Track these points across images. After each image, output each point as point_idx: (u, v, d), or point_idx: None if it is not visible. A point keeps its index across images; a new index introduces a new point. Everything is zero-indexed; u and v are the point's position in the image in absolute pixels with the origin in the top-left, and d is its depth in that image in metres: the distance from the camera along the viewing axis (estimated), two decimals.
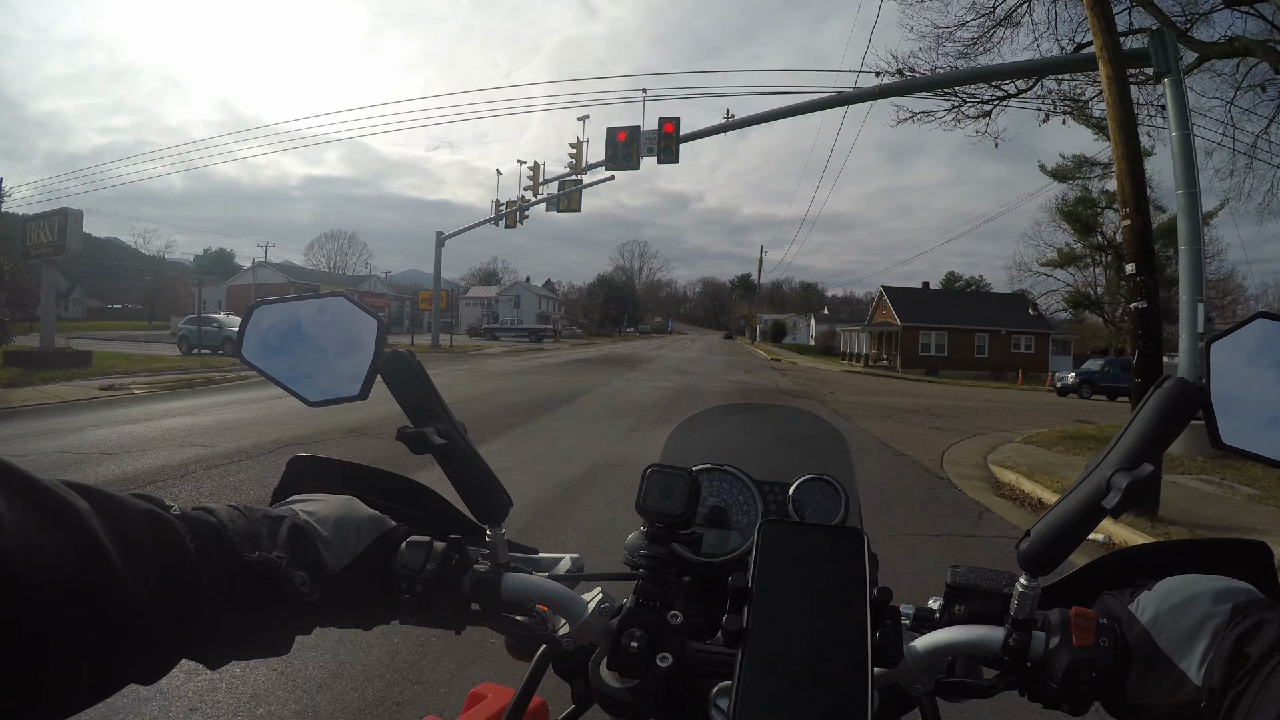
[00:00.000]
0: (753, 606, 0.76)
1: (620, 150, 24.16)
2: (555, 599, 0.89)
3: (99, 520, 0.55)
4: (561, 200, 34.45)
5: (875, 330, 63.43)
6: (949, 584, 0.88)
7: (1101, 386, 37.86)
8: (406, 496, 1.04)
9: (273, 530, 0.76)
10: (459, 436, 0.89)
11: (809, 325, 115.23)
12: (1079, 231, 55.56)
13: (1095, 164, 51.89)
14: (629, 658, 0.82)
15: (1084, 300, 59.44)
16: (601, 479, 9.00)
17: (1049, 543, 0.79)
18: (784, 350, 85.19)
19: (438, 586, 0.84)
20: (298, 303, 0.95)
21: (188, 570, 0.63)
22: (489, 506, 0.91)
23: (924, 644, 0.82)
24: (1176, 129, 14.91)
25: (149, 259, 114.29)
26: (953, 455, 12.88)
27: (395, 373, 0.89)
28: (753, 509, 1.25)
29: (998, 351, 57.38)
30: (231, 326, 33.64)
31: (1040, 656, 0.78)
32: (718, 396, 21.15)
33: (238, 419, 13.15)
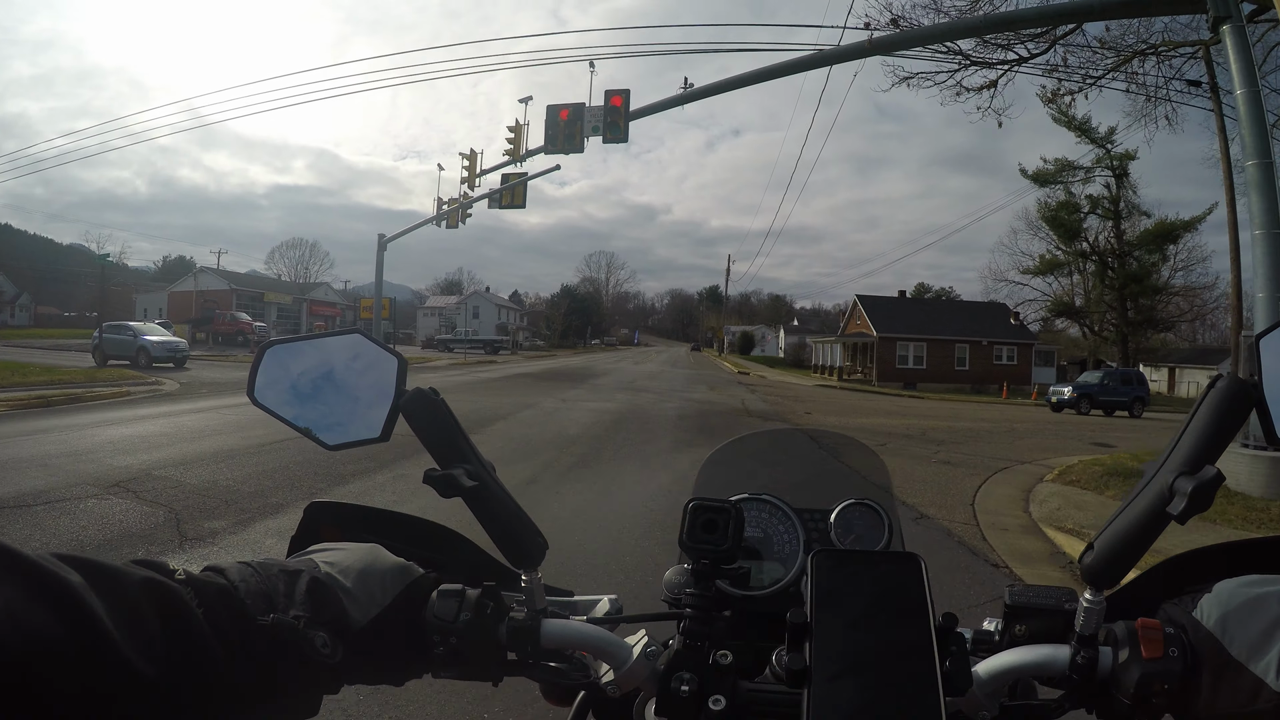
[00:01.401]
0: (814, 642, 0.74)
1: (562, 130, 21.02)
2: (599, 645, 0.85)
3: (94, 592, 0.54)
4: (504, 195, 31.53)
5: (850, 341, 60.72)
6: (1007, 604, 0.87)
7: (1101, 401, 34.90)
8: (433, 541, 1.02)
9: (290, 586, 0.73)
10: (489, 477, 0.86)
11: (778, 337, 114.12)
12: (1062, 237, 53.56)
13: (1078, 168, 50.27)
14: (680, 703, 0.79)
15: (1066, 309, 57.32)
16: None
17: (1114, 555, 0.77)
18: (752, 363, 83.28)
19: (473, 637, 0.81)
20: (312, 341, 0.94)
21: (195, 638, 0.61)
22: (524, 550, 0.88)
23: (988, 668, 0.80)
24: (1242, 85, 11.95)
25: (112, 266, 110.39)
26: (986, 508, 9.54)
27: (419, 412, 0.85)
28: (793, 538, 1.23)
29: (979, 363, 55.05)
30: (146, 334, 32.06)
31: (1109, 672, 0.76)
32: (669, 422, 17.83)
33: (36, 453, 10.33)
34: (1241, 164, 12.24)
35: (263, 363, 0.91)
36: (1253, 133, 11.32)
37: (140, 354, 31.03)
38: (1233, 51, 11.79)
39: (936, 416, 25.49)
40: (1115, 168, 49.69)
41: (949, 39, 16.49)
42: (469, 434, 0.86)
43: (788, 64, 16.87)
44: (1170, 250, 52.23)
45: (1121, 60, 19.61)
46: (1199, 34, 18.62)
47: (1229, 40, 11.87)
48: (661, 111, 19.87)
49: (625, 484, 9.44)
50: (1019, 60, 17.66)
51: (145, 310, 74.15)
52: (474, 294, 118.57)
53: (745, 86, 18.17)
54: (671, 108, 19.52)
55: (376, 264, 47.51)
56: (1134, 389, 35.97)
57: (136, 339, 31.72)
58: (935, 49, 17.04)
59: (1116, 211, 51.45)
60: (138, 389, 20.59)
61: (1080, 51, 19.06)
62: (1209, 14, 12.10)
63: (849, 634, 0.74)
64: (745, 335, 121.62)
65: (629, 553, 6.33)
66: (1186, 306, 56.96)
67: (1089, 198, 51.99)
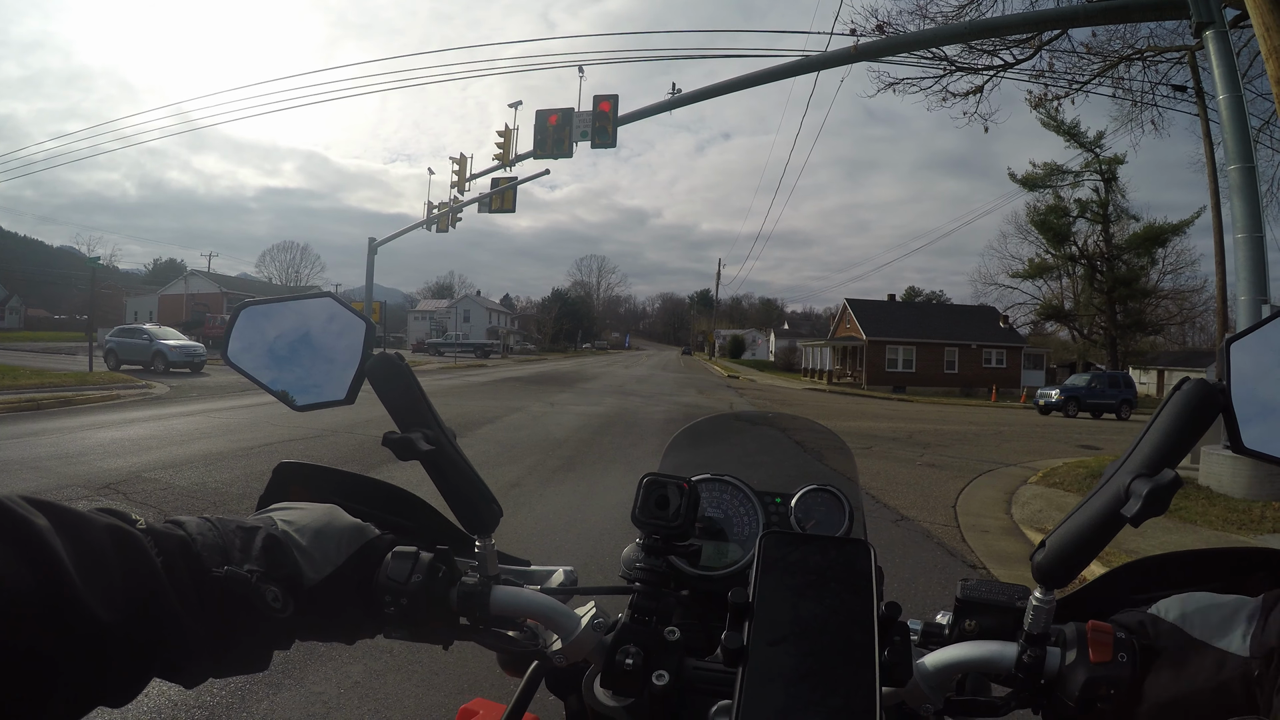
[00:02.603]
0: (754, 623, 0.73)
1: (551, 135, 21.06)
2: (546, 613, 0.85)
3: (59, 536, 0.55)
4: (494, 199, 31.44)
5: (839, 345, 60.70)
6: (959, 598, 0.86)
7: (1088, 404, 35.07)
8: (395, 505, 1.02)
9: (246, 542, 0.74)
10: (448, 443, 0.87)
11: (769, 340, 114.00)
12: (1051, 241, 53.76)
13: (1067, 171, 50.44)
14: (624, 675, 0.80)
15: (1055, 313, 57.47)
16: None
17: (1066, 554, 0.77)
18: (743, 366, 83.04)
19: (424, 599, 0.80)
20: (284, 304, 0.94)
21: (154, 586, 0.61)
22: (479, 516, 0.89)
23: (934, 661, 0.80)
24: (1225, 90, 12.04)
25: (101, 269, 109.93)
26: (968, 510, 9.58)
27: (382, 376, 0.86)
28: (753, 520, 1.23)
29: (968, 366, 55.08)
30: (162, 338, 30.70)
31: (1055, 673, 0.76)
32: (657, 426, 17.74)
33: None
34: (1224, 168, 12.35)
35: (237, 325, 0.92)
36: (1235, 137, 11.40)
37: (156, 359, 29.99)
38: (1215, 57, 11.87)
39: (924, 419, 25.51)
40: (1104, 172, 49.97)
41: (934, 45, 16.58)
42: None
43: (775, 70, 16.96)
44: (1159, 254, 52.55)
45: (1107, 66, 19.70)
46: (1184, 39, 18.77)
47: (1212, 45, 11.96)
48: (650, 116, 19.92)
49: (610, 487, 9.41)
50: (1005, 66, 17.75)
51: (135, 313, 73.93)
52: (465, 298, 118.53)
53: (733, 91, 18.29)
54: (659, 113, 19.58)
55: (367, 267, 47.31)
56: (1121, 391, 36.18)
57: (152, 343, 30.43)
58: (921, 55, 17.11)
59: (1105, 215, 51.79)
60: (128, 392, 20.52)
61: (1066, 57, 19.18)
62: (1192, 19, 12.16)
63: (791, 617, 0.74)
64: (736, 339, 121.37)
65: (609, 555, 6.29)
66: (1175, 310, 57.13)
67: (1078, 201, 52.31)
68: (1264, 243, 11.26)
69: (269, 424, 14.51)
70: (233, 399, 19.63)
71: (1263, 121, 20.00)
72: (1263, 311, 10.68)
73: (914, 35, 16.48)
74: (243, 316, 0.93)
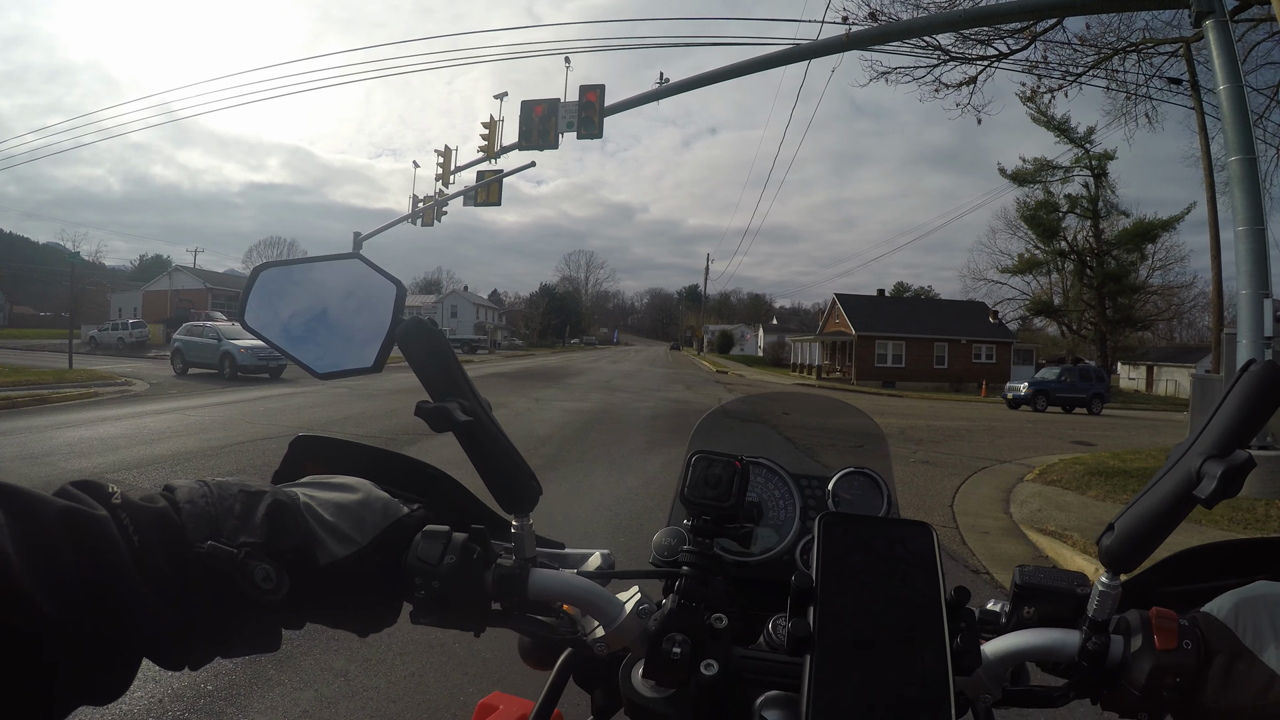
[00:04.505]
0: (819, 608, 0.72)
1: (537, 126, 20.72)
2: (588, 598, 0.81)
3: (9, 527, 0.52)
4: (480, 193, 31.03)
5: (828, 340, 60.35)
6: (1017, 584, 0.84)
7: (1058, 398, 34.34)
8: (422, 483, 0.96)
9: (247, 510, 0.67)
10: (484, 414, 0.82)
11: (757, 336, 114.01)
12: (1041, 236, 53.62)
13: (1057, 167, 50.32)
14: (671, 665, 0.76)
15: (1045, 308, 57.38)
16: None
17: (1135, 537, 0.75)
18: (731, 361, 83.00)
19: (457, 583, 0.75)
20: (308, 265, 0.91)
21: (113, 572, 0.56)
22: (517, 493, 0.83)
23: (994, 649, 0.78)
24: (1225, 80, 11.82)
25: (84, 265, 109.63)
26: (966, 509, 9.27)
27: (414, 342, 0.81)
28: (789, 504, 1.21)
29: (957, 362, 54.66)
30: (231, 338, 26.68)
31: (1119, 661, 0.74)
32: (643, 423, 17.44)
33: None
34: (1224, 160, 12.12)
35: (255, 285, 0.86)
36: (1235, 128, 11.14)
37: (224, 362, 26.15)
38: (1215, 47, 11.61)
39: (916, 415, 25.20)
40: (1094, 167, 49.71)
41: (927, 33, 16.26)
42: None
43: (764, 59, 16.56)
44: (1149, 249, 52.44)
45: (1102, 58, 19.49)
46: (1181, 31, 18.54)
47: (1212, 35, 11.70)
48: (637, 107, 19.54)
49: (593, 486, 9.12)
50: (999, 56, 17.46)
51: (120, 310, 73.32)
52: (452, 293, 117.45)
53: (721, 81, 17.88)
54: (647, 103, 19.18)
55: None
56: (1093, 385, 35.16)
57: (220, 343, 26.51)
58: (914, 44, 16.82)
59: (1095, 211, 51.53)
60: (106, 390, 20.12)
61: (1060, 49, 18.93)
62: (1192, 9, 11.89)
63: (856, 602, 0.71)
64: (724, 334, 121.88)
65: None
66: (1165, 305, 57.15)
67: (1068, 197, 52.04)
68: (1266, 236, 11.01)
69: (244, 422, 14.24)
70: (212, 396, 19.33)
71: (1257, 116, 19.85)
72: (1265, 306, 10.49)
73: (907, 23, 16.12)
74: (262, 278, 0.87)
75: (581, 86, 19.85)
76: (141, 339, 50.78)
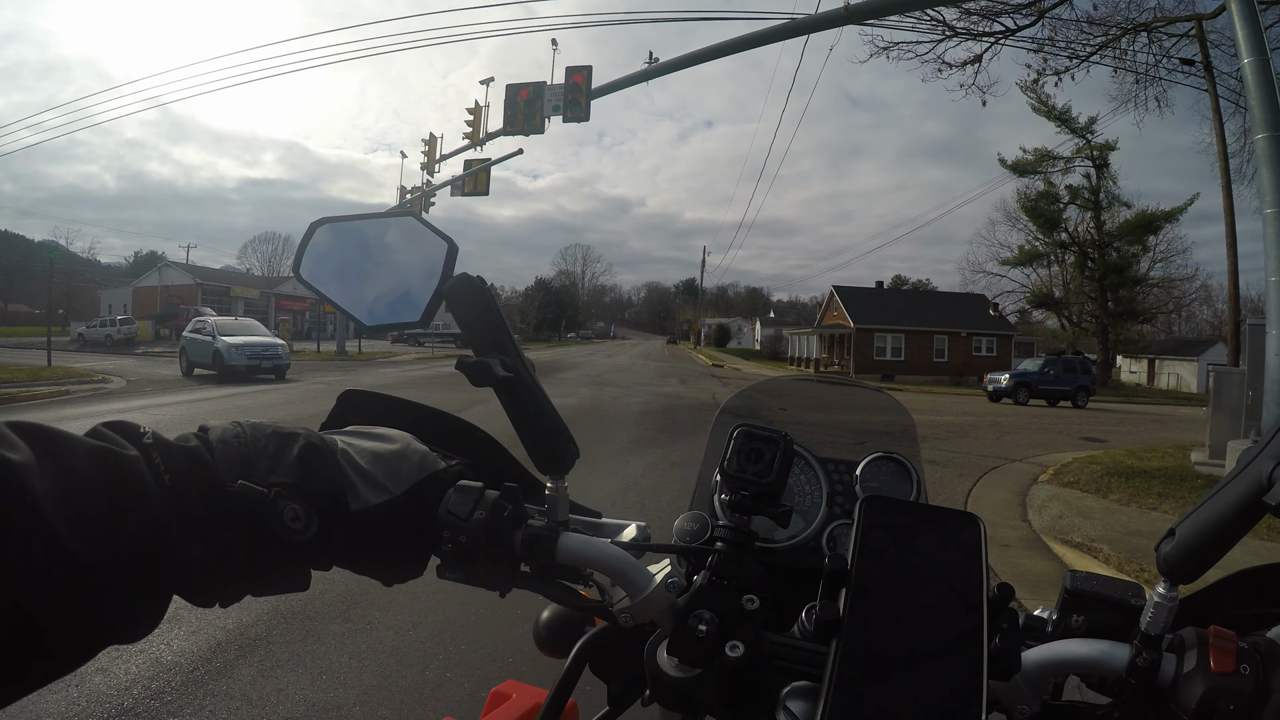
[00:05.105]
0: (851, 594, 0.69)
1: (522, 110, 20.00)
2: (617, 566, 0.78)
3: (38, 469, 0.52)
4: (467, 182, 30.35)
5: (826, 333, 59.68)
6: (1067, 589, 0.79)
7: (1040, 390, 33.15)
8: (465, 443, 0.94)
9: (280, 450, 0.68)
10: (526, 372, 0.82)
11: (754, 329, 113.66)
12: (1042, 227, 52.97)
13: (1058, 157, 49.61)
14: (694, 642, 0.73)
15: (1046, 300, 56.72)
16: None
17: (1198, 545, 0.69)
18: (728, 355, 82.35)
19: (485, 539, 0.74)
20: (363, 221, 0.94)
21: (147, 512, 0.57)
22: (554, 454, 0.83)
23: (1036, 657, 0.73)
24: (1250, 54, 11.01)
25: (83, 262, 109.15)
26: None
27: (461, 298, 0.82)
28: (815, 489, 1.18)
29: (958, 355, 53.79)
30: (224, 333, 24.61)
31: (1170, 681, 0.68)
32: (630, 420, 16.57)
33: None
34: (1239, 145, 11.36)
35: (312, 240, 0.89)
36: (1262, 104, 10.39)
37: (216, 361, 23.68)
38: (1239, 19, 10.87)
39: (917, 410, 23.75)
40: (1095, 158, 49.17)
41: (931, 4, 15.44)
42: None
43: (759, 34, 15.77)
44: (1151, 241, 51.79)
45: (1110, 39, 18.78)
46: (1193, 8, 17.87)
47: (1235, 7, 10.97)
48: (626, 87, 18.80)
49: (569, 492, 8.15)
50: (1005, 32, 16.68)
51: (110, 306, 72.85)
52: None
53: (712, 60, 17.13)
54: (636, 84, 18.45)
55: None
56: (1078, 377, 33.93)
57: (214, 340, 24.05)
58: (917, 18, 16.00)
59: (1096, 202, 50.89)
60: (80, 387, 19.43)
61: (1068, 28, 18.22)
62: None
63: (891, 591, 0.68)
64: (721, 328, 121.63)
65: None
66: (1166, 298, 56.60)
67: (1069, 188, 51.45)
68: None
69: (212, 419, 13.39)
70: (188, 394, 18.66)
71: None
72: None
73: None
74: (319, 233, 0.90)
75: (568, 68, 19.23)
76: (130, 335, 50.13)
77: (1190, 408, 36.81)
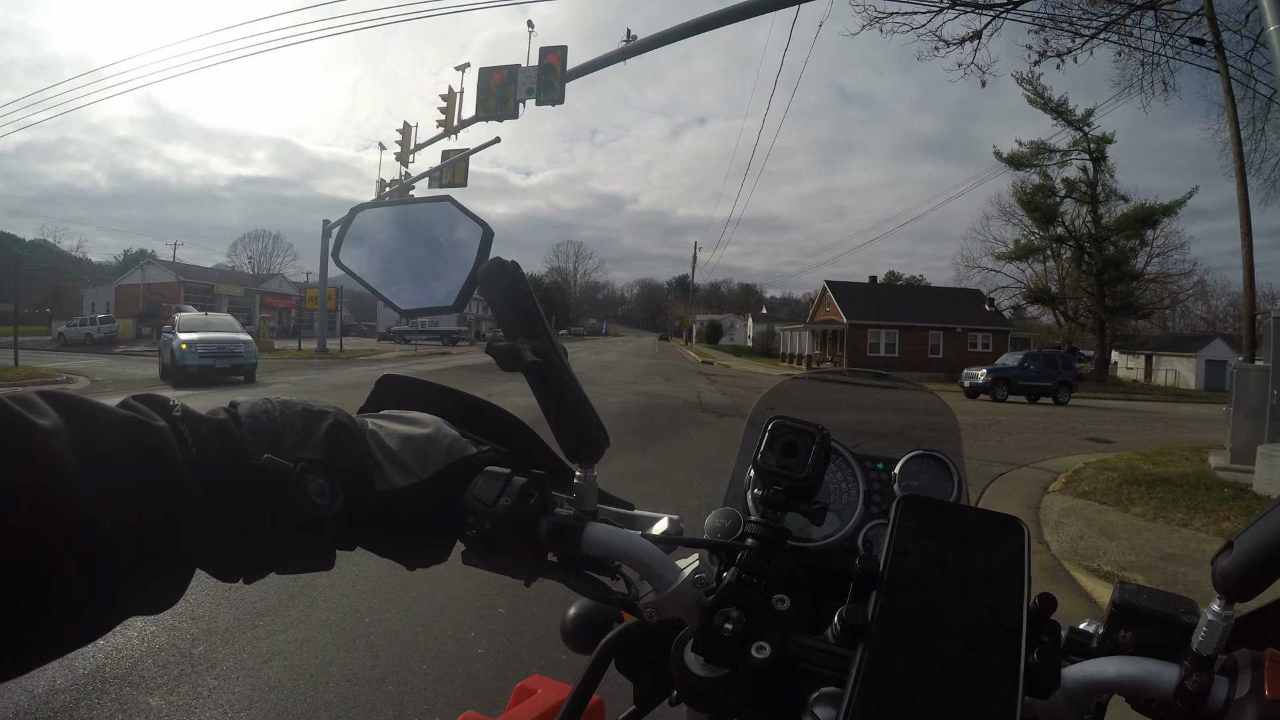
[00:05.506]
0: (881, 597, 0.66)
1: (495, 94, 18.92)
2: (643, 559, 0.77)
3: (66, 436, 0.52)
4: (445, 173, 29.44)
5: (819, 329, 58.71)
6: (1116, 602, 0.74)
7: (1020, 386, 31.72)
8: (496, 428, 0.92)
9: (309, 426, 0.68)
10: (557, 358, 0.81)
11: (747, 325, 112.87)
12: (1038, 221, 51.97)
13: (1054, 150, 48.62)
14: (719, 642, 0.69)
15: (1041, 295, 55.79)
16: None
17: (1258, 561, 0.63)
18: (719, 352, 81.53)
19: (510, 525, 0.73)
20: (401, 207, 0.96)
21: (173, 482, 0.57)
22: (583, 442, 0.82)
23: (1080, 674, 0.68)
24: (1275, 21, 9.74)
25: (71, 260, 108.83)
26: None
27: (494, 282, 0.81)
28: (852, 488, 1.15)
29: (953, 351, 52.67)
30: (182, 330, 22.02)
31: (1220, 706, 0.63)
32: (605, 420, 15.13)
33: None
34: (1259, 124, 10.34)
35: (351, 227, 0.91)
36: None
37: (171, 360, 21.22)
38: None
39: (913, 410, 23.24)
40: (1092, 151, 48.18)
41: None
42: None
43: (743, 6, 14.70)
44: (1149, 235, 50.87)
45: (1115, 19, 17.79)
46: None
47: None
48: (603, 68, 17.70)
49: None
50: (1007, 5, 15.61)
51: (93, 305, 71.81)
52: None
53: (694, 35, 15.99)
54: (613, 63, 17.33)
55: (321, 252, 45.28)
56: (1059, 373, 32.53)
57: (174, 338, 21.47)
58: None
59: (1093, 195, 49.86)
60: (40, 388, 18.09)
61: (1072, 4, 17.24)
62: None
63: (925, 595, 0.65)
64: (713, 324, 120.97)
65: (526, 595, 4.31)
66: (1163, 293, 55.77)
67: (1065, 181, 50.44)
68: None
69: None
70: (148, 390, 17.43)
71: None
72: None
73: None
74: (358, 218, 0.91)
75: (542, 49, 18.08)
76: (110, 334, 48.97)
77: (1192, 405, 35.89)
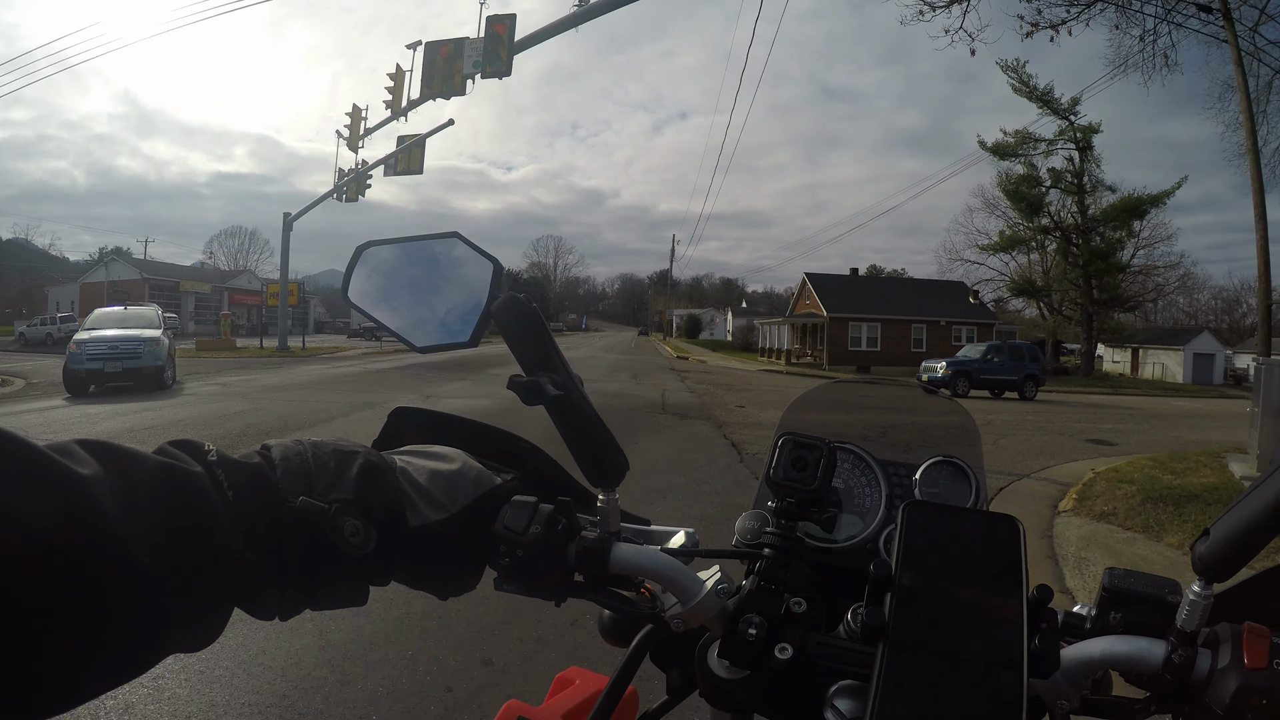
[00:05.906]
0: (895, 598, 0.71)
1: (440, 70, 17.26)
2: (668, 574, 0.81)
3: (106, 483, 0.54)
4: (400, 160, 27.82)
5: (798, 322, 57.21)
6: (1106, 587, 0.80)
7: (982, 380, 29.76)
8: (515, 456, 0.96)
9: (341, 467, 0.70)
10: (575, 389, 0.83)
11: (726, 319, 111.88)
12: (1023, 212, 50.67)
13: (1039, 140, 47.32)
14: (744, 646, 0.76)
15: (1026, 288, 54.61)
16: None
17: (1234, 544, 0.71)
18: (697, 346, 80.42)
19: (541, 552, 0.77)
20: (409, 244, 0.95)
21: (210, 527, 0.59)
22: (604, 467, 0.84)
23: (1076, 654, 0.74)
24: None
25: (47, 258, 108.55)
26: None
27: (509, 318, 0.83)
28: (875, 491, 1.18)
29: (937, 344, 50.68)
30: (92, 327, 19.20)
31: (1204, 677, 0.70)
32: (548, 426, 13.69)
33: None
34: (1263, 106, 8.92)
35: (359, 263, 0.91)
36: None
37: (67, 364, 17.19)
38: None
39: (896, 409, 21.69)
40: (1078, 140, 47.00)
41: None
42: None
43: None
44: (1136, 226, 49.81)
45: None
46: None
47: None
48: (553, 36, 16.05)
49: None
50: None
51: (57, 304, 70.47)
52: None
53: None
54: (564, 30, 15.65)
55: (282, 245, 43.44)
56: (1025, 365, 30.52)
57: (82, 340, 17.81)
58: None
59: (1080, 186, 48.65)
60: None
61: None
62: None
63: (934, 593, 0.70)
64: (692, 318, 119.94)
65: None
66: (1150, 285, 54.80)
67: (1051, 171, 49.17)
68: None
69: (102, 422, 11.08)
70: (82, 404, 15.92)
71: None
72: None
73: None
74: (365, 256, 0.92)
75: (489, 18, 16.33)
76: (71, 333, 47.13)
77: (1184, 399, 34.71)
